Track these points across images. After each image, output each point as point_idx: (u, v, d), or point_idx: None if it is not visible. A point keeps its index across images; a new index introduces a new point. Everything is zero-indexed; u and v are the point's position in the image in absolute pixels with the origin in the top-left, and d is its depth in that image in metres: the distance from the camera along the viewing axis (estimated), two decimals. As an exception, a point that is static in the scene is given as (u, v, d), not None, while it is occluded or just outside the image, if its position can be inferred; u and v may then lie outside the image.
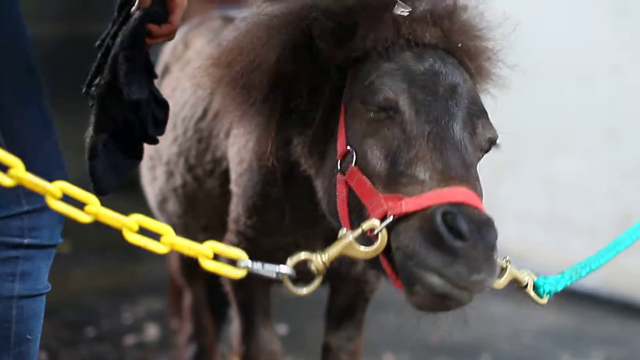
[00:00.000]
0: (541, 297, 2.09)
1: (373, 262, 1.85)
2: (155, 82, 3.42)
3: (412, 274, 1.70)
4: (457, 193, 1.72)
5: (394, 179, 1.81)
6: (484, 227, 1.69)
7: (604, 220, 5.34)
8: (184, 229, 2.92)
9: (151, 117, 2.09)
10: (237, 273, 1.75)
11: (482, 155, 1.96)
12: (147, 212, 3.30)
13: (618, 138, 5.34)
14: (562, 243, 5.53)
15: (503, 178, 5.87)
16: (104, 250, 6.37)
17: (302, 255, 1.76)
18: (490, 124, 1.95)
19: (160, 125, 2.13)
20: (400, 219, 1.74)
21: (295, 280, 1.77)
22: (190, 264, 3.70)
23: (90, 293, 5.13)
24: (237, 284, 2.59)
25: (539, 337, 4.69)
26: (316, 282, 1.77)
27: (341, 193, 1.96)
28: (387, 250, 1.78)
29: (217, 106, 2.58)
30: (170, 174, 2.88)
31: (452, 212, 1.67)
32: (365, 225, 1.76)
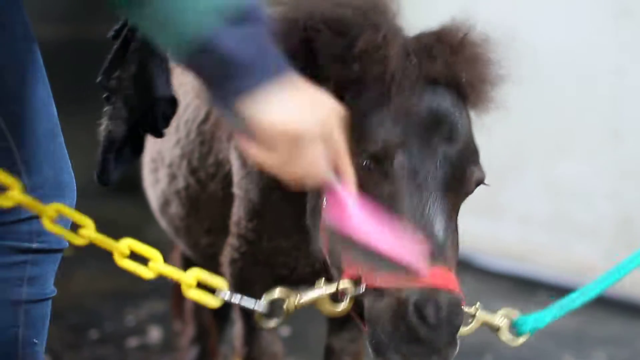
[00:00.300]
0: (520, 335, 2.15)
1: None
2: None
3: (378, 345, 1.83)
4: (431, 275, 1.77)
5: None
6: (451, 313, 1.78)
7: (606, 221, 5.34)
8: (187, 232, 2.92)
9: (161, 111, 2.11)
10: (217, 303, 1.86)
11: (467, 197, 1.98)
12: (148, 215, 3.31)
13: (620, 139, 5.34)
14: (564, 244, 5.53)
15: (505, 180, 5.86)
16: (106, 253, 6.33)
17: (277, 293, 1.90)
18: (480, 166, 1.96)
19: (167, 119, 2.15)
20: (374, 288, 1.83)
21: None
22: (192, 266, 3.70)
23: (93, 296, 5.13)
24: (240, 286, 2.60)
25: (541, 337, 4.68)
26: (281, 319, 1.92)
27: (323, 230, 1.99)
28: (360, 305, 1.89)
29: None
30: (173, 177, 2.88)
31: (423, 300, 1.75)
32: (340, 286, 1.88)
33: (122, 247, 1.77)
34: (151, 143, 3.18)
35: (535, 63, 5.84)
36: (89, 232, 1.75)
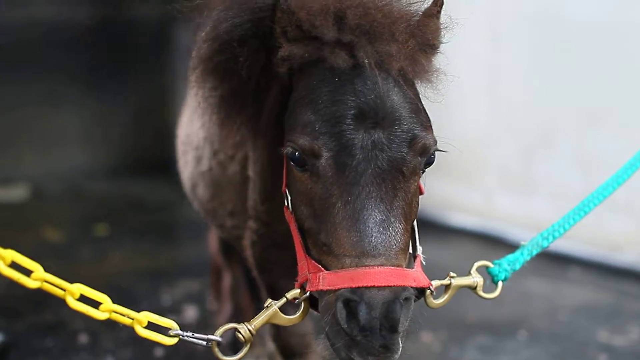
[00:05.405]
0: (498, 282, 2.10)
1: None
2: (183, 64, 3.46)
3: (329, 338, 1.81)
4: (368, 275, 1.73)
5: (317, 243, 1.86)
6: (384, 311, 1.72)
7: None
8: (213, 214, 2.95)
9: None
10: (169, 341, 1.96)
11: (423, 169, 1.90)
12: (179, 195, 3.34)
13: (654, 113, 5.30)
14: (598, 219, 5.49)
15: (538, 155, 5.83)
16: (140, 233, 6.43)
17: (230, 324, 1.92)
18: (427, 132, 1.86)
19: None
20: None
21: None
22: (229, 246, 3.74)
23: (128, 276, 5.19)
24: (262, 267, 2.62)
25: (576, 313, 4.68)
26: (245, 350, 1.90)
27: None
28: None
29: None
30: (199, 159, 2.92)
31: (355, 301, 1.72)
32: (289, 295, 1.90)
33: (73, 289, 1.87)
34: (180, 127, 3.21)
35: (569, 38, 5.78)
36: (41, 275, 1.78)
